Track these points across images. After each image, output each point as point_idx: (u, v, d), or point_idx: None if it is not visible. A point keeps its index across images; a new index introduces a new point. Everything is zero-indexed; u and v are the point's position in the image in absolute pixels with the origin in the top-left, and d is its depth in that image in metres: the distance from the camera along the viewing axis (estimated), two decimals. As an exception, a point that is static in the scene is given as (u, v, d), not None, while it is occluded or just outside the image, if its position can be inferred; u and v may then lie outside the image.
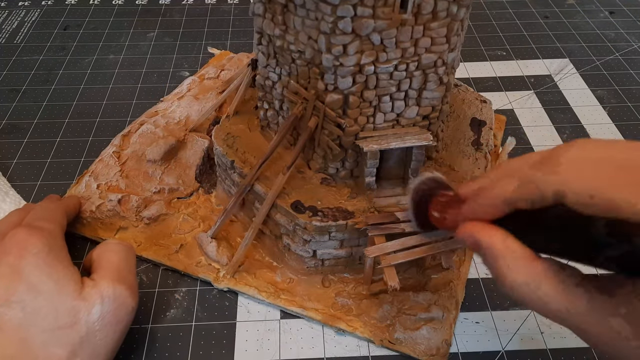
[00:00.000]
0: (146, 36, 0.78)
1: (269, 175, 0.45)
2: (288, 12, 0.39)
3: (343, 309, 0.44)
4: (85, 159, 0.59)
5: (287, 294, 0.46)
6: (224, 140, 0.49)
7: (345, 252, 0.45)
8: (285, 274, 0.47)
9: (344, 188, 0.45)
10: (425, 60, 0.39)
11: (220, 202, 0.53)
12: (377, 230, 0.41)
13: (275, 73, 0.44)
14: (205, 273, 0.47)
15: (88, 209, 0.51)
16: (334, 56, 0.37)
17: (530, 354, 0.43)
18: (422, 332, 0.42)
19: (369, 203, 0.44)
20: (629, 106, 0.66)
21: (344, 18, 0.35)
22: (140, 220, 0.51)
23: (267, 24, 0.41)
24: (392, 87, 0.40)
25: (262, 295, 0.45)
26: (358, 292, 0.46)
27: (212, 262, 0.48)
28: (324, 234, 0.43)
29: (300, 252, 0.45)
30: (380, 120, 0.42)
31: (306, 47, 0.39)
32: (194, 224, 0.51)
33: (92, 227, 0.50)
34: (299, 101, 0.42)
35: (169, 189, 0.53)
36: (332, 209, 0.43)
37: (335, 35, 0.36)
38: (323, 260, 0.45)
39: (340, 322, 0.44)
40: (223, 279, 0.46)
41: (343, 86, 0.39)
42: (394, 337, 0.42)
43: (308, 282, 0.46)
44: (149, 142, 0.55)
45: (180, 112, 0.59)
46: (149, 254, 0.48)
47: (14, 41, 0.77)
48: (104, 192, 0.52)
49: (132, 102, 0.66)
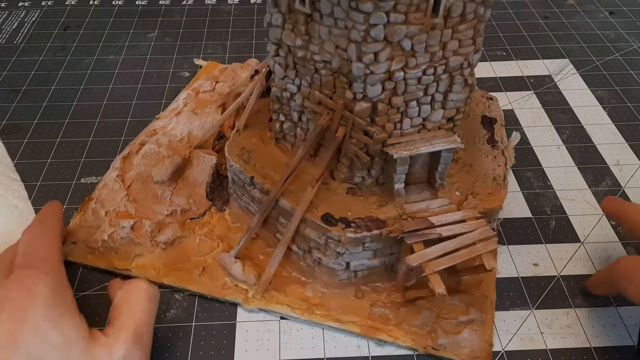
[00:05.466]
0: (146, 36, 0.78)
1: (293, 189, 0.44)
2: (313, 22, 0.38)
3: (381, 319, 0.44)
4: (85, 159, 0.59)
5: (321, 308, 0.45)
6: (238, 156, 0.48)
7: (378, 261, 0.44)
8: (317, 289, 0.46)
9: (371, 196, 0.44)
10: (453, 63, 0.39)
11: (236, 220, 0.51)
12: (414, 238, 0.40)
13: (295, 84, 0.43)
14: (234, 295, 0.45)
15: (99, 238, 0.48)
16: (365, 64, 0.36)
17: (530, 354, 0.43)
18: (464, 335, 0.42)
19: (399, 210, 0.43)
20: (629, 106, 0.66)
21: (377, 26, 0.35)
22: (156, 246, 0.48)
23: (288, 34, 0.40)
24: (419, 92, 0.40)
25: (296, 313, 0.44)
26: (392, 300, 0.45)
27: (238, 282, 0.46)
28: (358, 245, 0.42)
29: (333, 265, 0.44)
30: (407, 126, 0.41)
31: (333, 56, 0.38)
32: (213, 245, 0.49)
33: (106, 258, 0.48)
34: (325, 112, 0.41)
35: (180, 210, 0.51)
36: (364, 219, 0.42)
37: (366, 44, 0.35)
38: (356, 271, 0.44)
39: (380, 333, 0.43)
40: (253, 300, 0.45)
41: (372, 94, 0.38)
42: (438, 343, 0.42)
43: (341, 295, 0.45)
44: (154, 162, 0.53)
45: (181, 129, 0.57)
46: (171, 280, 0.47)
47: (14, 42, 0.77)
48: (113, 219, 0.49)
49: (132, 103, 0.66)
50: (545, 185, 0.56)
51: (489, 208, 0.44)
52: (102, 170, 0.56)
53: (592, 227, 0.52)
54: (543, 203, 0.54)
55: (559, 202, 0.54)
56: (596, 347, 0.43)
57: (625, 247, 0.50)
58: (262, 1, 0.86)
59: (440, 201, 0.44)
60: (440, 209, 0.43)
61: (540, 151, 0.60)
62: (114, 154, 0.58)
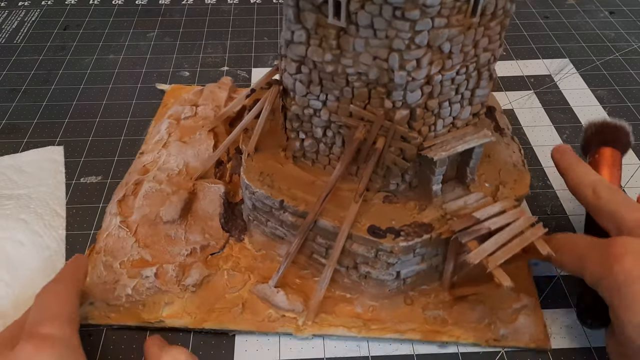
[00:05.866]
0: (146, 36, 0.78)
1: (330, 207, 0.43)
2: (346, 35, 0.36)
3: (437, 321, 0.44)
4: (85, 159, 0.59)
5: (376, 322, 0.44)
6: (260, 181, 0.45)
7: (426, 265, 0.44)
8: (365, 303, 0.45)
9: (409, 202, 0.44)
10: (483, 60, 0.39)
11: (260, 247, 0.49)
12: (467, 236, 0.40)
13: (319, 100, 0.41)
14: (284, 326, 0.43)
15: (122, 293, 0.44)
16: (407, 72, 0.36)
17: (531, 354, 0.43)
18: (521, 322, 0.43)
19: (440, 211, 0.43)
20: (629, 106, 0.66)
21: (422, 32, 0.34)
22: (185, 290, 0.45)
23: (314, 50, 0.38)
24: (452, 92, 0.40)
25: (352, 332, 0.43)
26: (441, 300, 0.45)
27: (285, 312, 0.44)
28: (409, 253, 0.42)
29: (384, 276, 0.43)
30: (440, 127, 0.42)
31: (370, 67, 0.37)
32: (244, 278, 0.47)
33: (132, 314, 0.44)
34: (360, 124, 0.40)
35: (200, 247, 0.48)
36: (410, 226, 0.42)
37: (409, 51, 0.35)
38: (405, 279, 0.44)
39: (441, 336, 0.43)
40: (305, 327, 0.43)
41: (412, 100, 0.38)
42: (499, 334, 0.43)
43: (391, 305, 0.45)
44: (159, 202, 0.49)
45: (176, 161, 0.53)
46: (211, 323, 0.44)
47: (13, 41, 0.77)
48: (131, 270, 0.45)
49: (132, 102, 0.66)
50: (545, 185, 0.57)
51: (520, 195, 0.45)
52: (101, 170, 0.56)
53: (592, 227, 0.53)
54: (543, 203, 0.55)
55: (559, 202, 0.55)
56: (596, 347, 0.43)
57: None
58: (262, 1, 0.85)
59: (475, 196, 0.44)
60: (478, 204, 0.44)
61: (540, 151, 0.60)
62: (114, 154, 0.59)
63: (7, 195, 0.52)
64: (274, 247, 0.48)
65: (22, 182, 0.54)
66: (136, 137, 0.61)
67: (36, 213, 0.51)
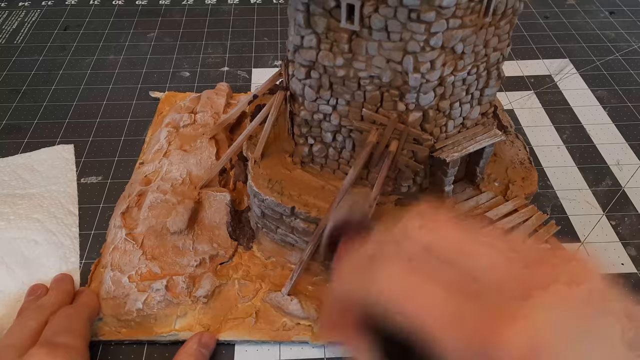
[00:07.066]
0: (146, 36, 0.78)
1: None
2: (358, 39, 0.36)
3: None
4: (85, 159, 0.58)
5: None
6: (269, 188, 0.45)
7: (440, 266, 0.44)
8: (380, 307, 0.44)
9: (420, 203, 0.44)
10: (493, 59, 0.39)
11: (270, 255, 0.48)
12: (482, 236, 0.40)
13: (329, 105, 0.41)
14: (300, 334, 0.43)
15: (133, 308, 0.43)
16: (421, 74, 0.36)
17: None
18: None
19: (452, 211, 0.43)
20: (629, 106, 0.66)
21: (437, 34, 0.34)
22: (197, 301, 0.44)
23: (325, 54, 0.38)
24: (462, 92, 0.40)
25: (370, 337, 0.43)
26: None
27: (299, 320, 0.43)
28: (425, 255, 0.41)
29: (399, 280, 0.43)
30: (451, 127, 0.41)
31: (383, 70, 0.37)
32: (255, 286, 0.46)
33: (145, 328, 0.43)
34: (372, 127, 0.40)
35: (209, 257, 0.47)
36: (424, 228, 0.42)
37: (424, 53, 0.35)
38: (420, 281, 0.44)
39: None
40: (321, 334, 0.43)
41: (425, 102, 0.38)
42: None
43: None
44: (165, 212, 0.48)
45: (179, 170, 0.52)
46: (227, 334, 0.43)
47: (14, 41, 0.76)
48: (140, 284, 0.44)
49: (132, 103, 0.66)
50: (545, 185, 0.56)
51: (529, 192, 0.45)
52: (102, 171, 0.56)
53: (592, 227, 0.52)
54: (543, 203, 0.55)
55: (559, 202, 0.55)
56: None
57: (625, 248, 0.51)
58: (263, 1, 0.85)
59: (486, 195, 0.44)
60: (490, 203, 0.44)
61: (540, 151, 0.60)
62: (114, 154, 0.58)
63: (20, 195, 0.52)
64: (284, 254, 0.47)
65: (35, 181, 0.54)
66: (136, 138, 0.60)
67: (49, 212, 0.51)
